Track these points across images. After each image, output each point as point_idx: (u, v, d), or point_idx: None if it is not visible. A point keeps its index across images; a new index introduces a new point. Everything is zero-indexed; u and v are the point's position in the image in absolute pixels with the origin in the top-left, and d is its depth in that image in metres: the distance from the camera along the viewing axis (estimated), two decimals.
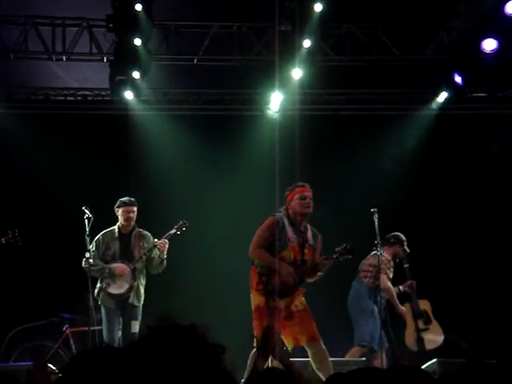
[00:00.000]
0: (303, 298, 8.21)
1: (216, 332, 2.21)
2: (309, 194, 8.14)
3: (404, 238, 10.04)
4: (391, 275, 9.97)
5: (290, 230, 8.07)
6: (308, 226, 8.26)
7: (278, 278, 7.97)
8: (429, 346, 9.92)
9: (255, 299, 7.97)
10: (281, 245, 8.02)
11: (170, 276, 10.03)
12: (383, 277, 9.60)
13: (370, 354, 9.67)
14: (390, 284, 9.91)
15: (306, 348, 7.95)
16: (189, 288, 11.04)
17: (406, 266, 9.99)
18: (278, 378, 1.94)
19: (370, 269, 9.92)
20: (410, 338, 9.97)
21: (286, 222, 8.09)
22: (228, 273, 10.74)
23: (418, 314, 10.02)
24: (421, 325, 10.01)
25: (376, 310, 9.68)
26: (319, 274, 8.14)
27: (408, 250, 9.98)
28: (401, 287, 10.00)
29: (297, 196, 8.09)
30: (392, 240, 10.02)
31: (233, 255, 10.73)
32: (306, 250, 8.15)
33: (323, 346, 8.01)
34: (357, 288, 10.06)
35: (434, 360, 8.79)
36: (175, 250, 9.66)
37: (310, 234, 8.25)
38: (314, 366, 7.85)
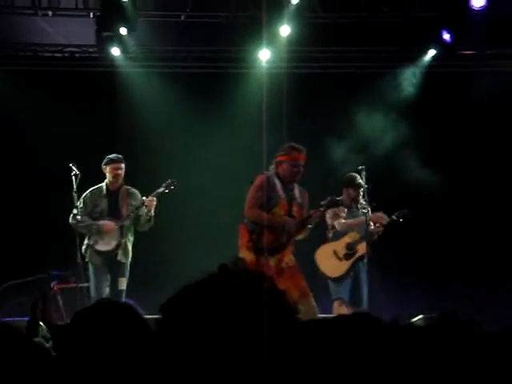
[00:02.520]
0: (292, 256, 8.28)
1: None
2: (302, 162, 8.18)
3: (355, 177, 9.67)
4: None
5: (279, 188, 8.13)
6: (295, 184, 8.31)
7: (271, 234, 8.05)
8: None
9: (245, 256, 8.03)
10: (272, 202, 8.10)
11: (158, 233, 10.07)
12: (337, 221, 9.57)
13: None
14: (339, 220, 9.62)
15: (297, 304, 8.00)
16: (177, 245, 11.07)
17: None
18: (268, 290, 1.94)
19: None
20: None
21: (276, 181, 8.14)
22: (216, 229, 10.79)
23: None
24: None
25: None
26: (308, 226, 8.22)
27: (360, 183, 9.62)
28: (393, 216, 9.70)
29: (289, 162, 8.15)
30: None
31: (220, 212, 10.80)
32: (294, 208, 8.22)
33: (314, 303, 8.08)
34: None
35: (421, 316, 8.86)
36: (164, 207, 9.70)
37: (297, 192, 8.30)
38: None
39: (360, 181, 9.52)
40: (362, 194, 9.55)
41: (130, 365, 2.19)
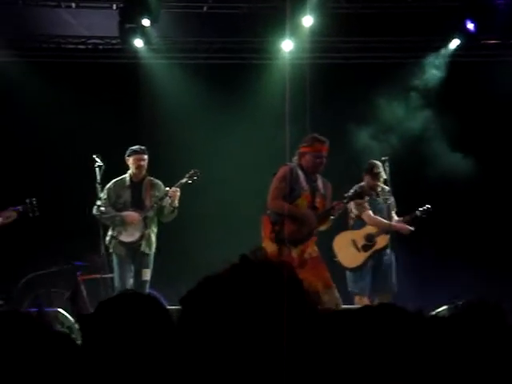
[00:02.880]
0: (315, 247, 8.27)
1: None
2: (325, 153, 8.16)
3: (374, 165, 9.57)
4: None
5: (302, 179, 8.13)
6: (318, 175, 8.31)
7: (293, 225, 8.04)
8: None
9: (268, 248, 8.03)
10: (295, 194, 8.10)
11: (181, 224, 10.10)
12: (366, 213, 9.51)
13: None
14: (369, 212, 9.56)
15: (320, 295, 7.99)
16: (201, 236, 11.10)
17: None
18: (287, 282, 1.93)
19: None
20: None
21: (299, 172, 8.13)
22: (238, 220, 10.81)
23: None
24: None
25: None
26: (331, 217, 8.21)
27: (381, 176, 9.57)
28: (417, 212, 9.63)
29: (312, 153, 8.14)
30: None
31: (243, 203, 10.80)
32: (317, 199, 8.22)
33: (337, 294, 8.07)
34: None
35: (445, 307, 8.83)
36: (187, 198, 9.72)
37: (320, 183, 8.30)
38: None
39: (379, 170, 9.46)
40: (380, 182, 9.50)
41: (152, 356, 2.20)
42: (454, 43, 11.24)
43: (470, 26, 10.76)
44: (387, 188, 9.58)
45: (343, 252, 9.53)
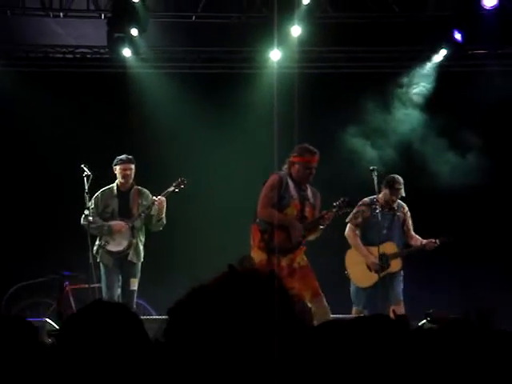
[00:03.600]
0: (304, 256, 8.26)
1: None
2: (315, 164, 8.16)
3: (396, 181, 9.49)
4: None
5: (292, 188, 8.14)
6: (308, 185, 8.32)
7: (282, 234, 8.04)
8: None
9: (257, 257, 8.04)
10: (285, 202, 8.10)
11: (169, 234, 10.09)
12: (350, 226, 9.41)
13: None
14: (349, 232, 9.45)
15: (309, 304, 7.99)
16: (189, 245, 11.08)
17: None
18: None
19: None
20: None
21: (289, 181, 8.15)
22: (227, 229, 10.80)
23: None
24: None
25: None
26: (320, 227, 8.20)
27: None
28: (437, 240, 9.48)
29: (302, 163, 8.14)
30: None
31: (231, 212, 10.79)
32: (306, 208, 8.22)
33: (325, 303, 8.06)
34: None
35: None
36: (175, 207, 9.71)
37: (309, 192, 8.31)
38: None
39: (400, 187, 9.41)
40: (398, 198, 9.45)
41: (121, 365, 2.19)
42: (442, 53, 11.28)
43: (458, 36, 10.80)
44: (401, 203, 9.53)
45: (355, 269, 9.42)
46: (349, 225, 9.49)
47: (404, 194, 9.45)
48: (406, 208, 9.60)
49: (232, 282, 1.93)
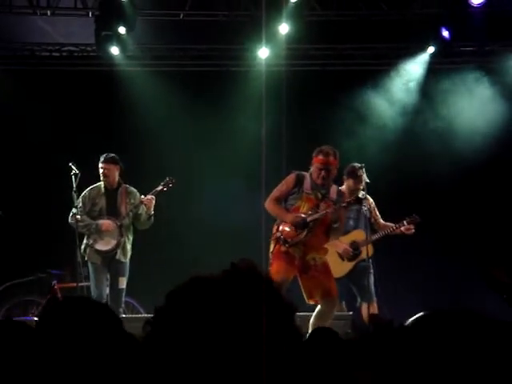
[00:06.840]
0: (323, 256, 8.25)
1: None
2: (326, 166, 8.17)
3: (356, 168, 9.32)
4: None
5: (308, 184, 8.20)
6: (334, 186, 8.37)
7: (286, 225, 8.16)
8: None
9: (271, 246, 8.26)
10: (295, 195, 8.23)
11: (158, 232, 10.08)
12: None
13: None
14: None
15: (320, 303, 7.99)
16: (178, 244, 11.07)
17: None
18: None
19: None
20: None
21: (309, 178, 8.22)
22: (215, 228, 10.82)
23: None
24: None
25: None
26: (334, 226, 8.23)
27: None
28: (404, 221, 9.39)
29: (315, 164, 8.26)
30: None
31: (219, 210, 10.80)
32: (323, 205, 8.20)
33: (333, 308, 8.06)
34: None
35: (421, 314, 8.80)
36: (164, 205, 9.71)
37: (333, 190, 8.32)
38: (312, 320, 7.86)
39: (362, 173, 9.28)
40: (362, 188, 9.31)
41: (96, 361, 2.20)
42: (430, 50, 11.30)
43: (446, 33, 10.83)
44: (365, 194, 9.49)
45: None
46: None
47: (368, 180, 9.34)
48: (371, 199, 9.50)
49: (235, 278, 1.92)
